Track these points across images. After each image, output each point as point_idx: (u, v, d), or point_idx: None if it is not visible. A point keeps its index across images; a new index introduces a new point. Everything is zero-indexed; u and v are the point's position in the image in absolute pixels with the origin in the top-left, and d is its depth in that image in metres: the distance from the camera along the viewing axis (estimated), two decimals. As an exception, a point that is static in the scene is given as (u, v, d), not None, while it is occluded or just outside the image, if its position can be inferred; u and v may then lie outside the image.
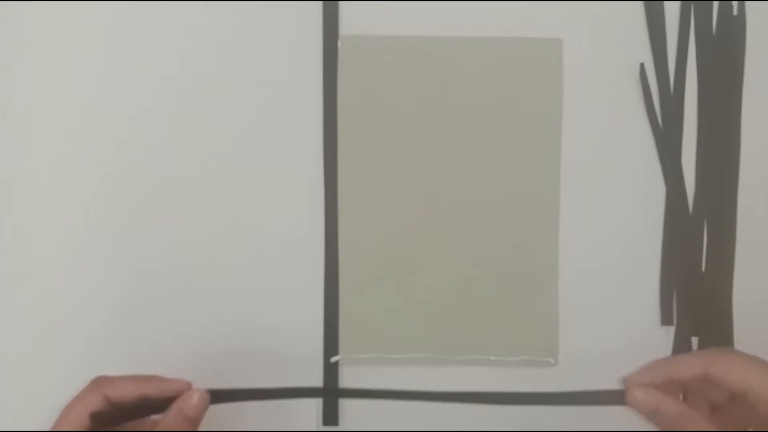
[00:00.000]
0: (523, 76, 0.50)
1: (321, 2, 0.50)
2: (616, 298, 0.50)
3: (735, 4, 0.51)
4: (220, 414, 0.49)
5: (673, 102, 0.50)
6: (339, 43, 0.50)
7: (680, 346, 0.50)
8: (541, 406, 0.44)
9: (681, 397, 0.43)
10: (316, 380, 0.49)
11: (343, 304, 0.49)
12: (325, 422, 0.50)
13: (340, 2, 0.50)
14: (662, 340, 0.50)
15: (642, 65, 0.50)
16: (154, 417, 0.42)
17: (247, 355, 0.49)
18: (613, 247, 0.50)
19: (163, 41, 0.50)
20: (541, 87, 0.50)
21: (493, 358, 0.50)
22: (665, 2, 0.50)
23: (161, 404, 0.42)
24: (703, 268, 0.50)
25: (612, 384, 0.48)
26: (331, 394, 0.49)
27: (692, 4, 0.50)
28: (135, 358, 0.49)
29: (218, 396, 0.43)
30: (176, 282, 0.49)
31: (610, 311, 0.50)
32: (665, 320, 0.50)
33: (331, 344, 0.49)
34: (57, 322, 0.49)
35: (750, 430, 0.41)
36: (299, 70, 0.50)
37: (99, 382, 0.42)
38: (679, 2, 0.50)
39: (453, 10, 0.50)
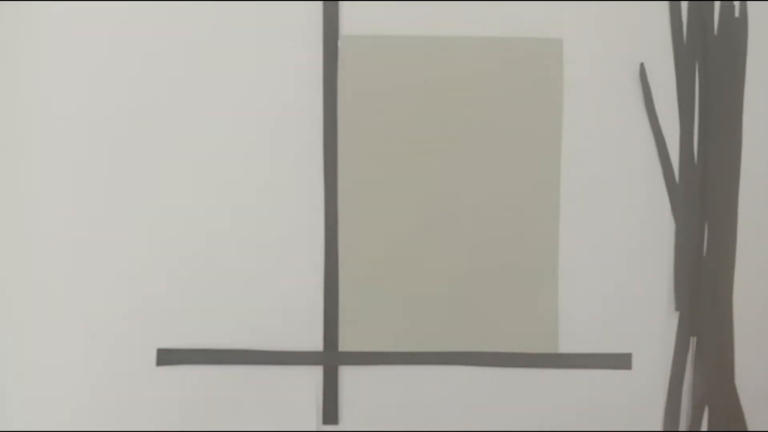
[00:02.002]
0: (523, 76, 0.50)
1: (321, 2, 0.50)
2: (614, 296, 0.50)
3: (737, 4, 0.50)
4: (220, 413, 0.49)
5: (675, 103, 0.50)
6: (339, 43, 0.50)
7: (680, 345, 0.50)
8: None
9: None
10: (316, 379, 0.50)
11: (342, 302, 0.50)
12: (325, 421, 0.50)
13: (341, 2, 0.50)
14: (659, 337, 0.50)
15: (642, 65, 0.50)
16: None
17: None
18: (611, 246, 0.50)
19: (162, 41, 0.50)
20: (541, 87, 0.50)
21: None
22: (667, 2, 0.50)
23: None
24: (703, 268, 0.50)
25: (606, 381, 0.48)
26: (330, 359, 0.49)
27: (694, 5, 0.50)
28: (136, 356, 0.49)
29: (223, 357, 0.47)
30: (176, 281, 0.49)
31: (608, 309, 0.50)
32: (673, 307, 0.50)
33: (330, 342, 0.50)
34: (59, 323, 0.49)
35: None
36: (299, 70, 0.50)
37: None
38: (680, 2, 0.50)
39: (453, 10, 0.50)
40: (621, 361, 0.49)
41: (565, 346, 0.50)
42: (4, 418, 0.49)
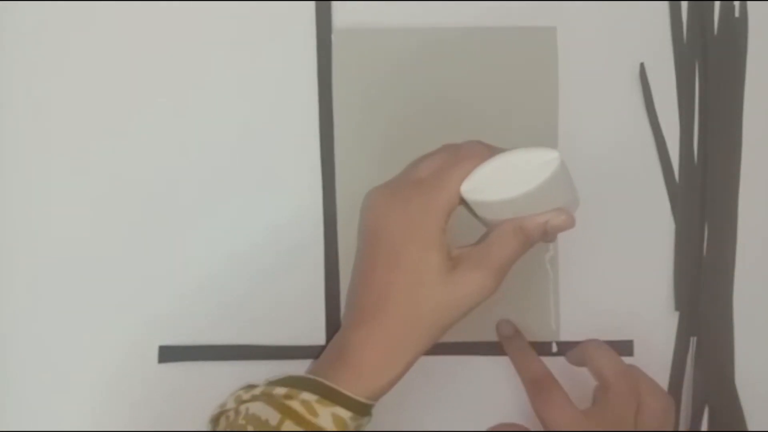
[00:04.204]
0: (518, 66, 0.50)
1: (314, 2, 0.50)
2: (614, 296, 0.50)
3: (737, 4, 0.50)
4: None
5: (675, 103, 0.51)
6: (333, 37, 0.50)
7: (680, 345, 0.50)
8: None
9: None
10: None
11: (344, 296, 0.49)
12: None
13: (333, 2, 0.50)
14: (659, 338, 0.50)
15: (642, 65, 0.50)
16: None
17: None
18: (610, 246, 0.50)
19: (158, 41, 0.50)
20: (536, 76, 0.50)
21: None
22: (667, 2, 0.50)
23: None
24: (703, 268, 0.50)
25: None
26: None
27: (694, 5, 0.50)
28: (137, 353, 0.50)
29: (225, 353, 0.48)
30: (178, 278, 0.50)
31: (607, 309, 0.50)
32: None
33: (333, 336, 0.49)
34: (60, 321, 0.50)
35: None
36: (293, 65, 0.50)
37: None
38: (680, 2, 0.50)
39: (448, 3, 0.50)
40: (622, 349, 0.49)
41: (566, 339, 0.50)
42: (4, 418, 0.49)
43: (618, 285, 0.50)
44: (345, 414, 0.38)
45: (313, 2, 0.50)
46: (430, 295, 0.39)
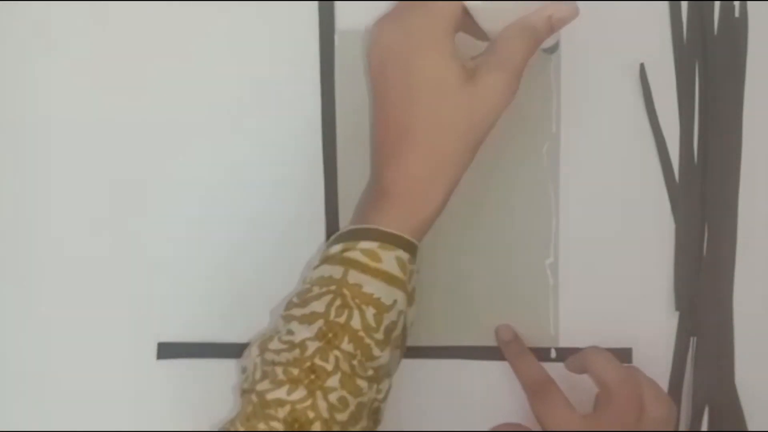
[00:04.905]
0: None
1: (317, 2, 0.50)
2: (614, 296, 0.50)
3: (737, 4, 0.51)
4: (221, 407, 0.49)
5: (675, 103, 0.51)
6: (336, 38, 0.50)
7: (680, 345, 0.50)
8: None
9: None
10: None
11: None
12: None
13: (336, 2, 0.50)
14: (659, 337, 0.50)
15: (642, 65, 0.50)
16: None
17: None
18: (611, 246, 0.50)
19: (163, 40, 0.50)
20: (536, 76, 0.50)
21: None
22: (667, 2, 0.51)
23: None
24: (703, 268, 0.50)
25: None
26: None
27: (694, 5, 0.50)
28: (136, 349, 0.49)
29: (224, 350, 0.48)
30: (177, 275, 0.50)
31: (608, 309, 0.50)
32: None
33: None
34: (59, 317, 0.50)
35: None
36: (296, 66, 0.50)
37: None
38: (680, 2, 0.50)
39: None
40: (621, 357, 0.49)
41: (565, 344, 0.50)
42: (4, 418, 0.49)
43: (618, 285, 0.50)
44: (405, 256, 0.39)
45: (317, 3, 0.50)
46: (454, 111, 0.39)
